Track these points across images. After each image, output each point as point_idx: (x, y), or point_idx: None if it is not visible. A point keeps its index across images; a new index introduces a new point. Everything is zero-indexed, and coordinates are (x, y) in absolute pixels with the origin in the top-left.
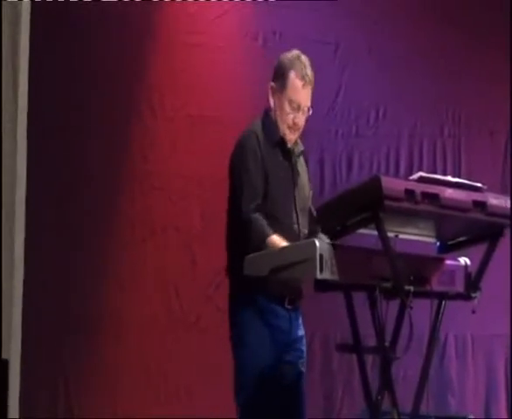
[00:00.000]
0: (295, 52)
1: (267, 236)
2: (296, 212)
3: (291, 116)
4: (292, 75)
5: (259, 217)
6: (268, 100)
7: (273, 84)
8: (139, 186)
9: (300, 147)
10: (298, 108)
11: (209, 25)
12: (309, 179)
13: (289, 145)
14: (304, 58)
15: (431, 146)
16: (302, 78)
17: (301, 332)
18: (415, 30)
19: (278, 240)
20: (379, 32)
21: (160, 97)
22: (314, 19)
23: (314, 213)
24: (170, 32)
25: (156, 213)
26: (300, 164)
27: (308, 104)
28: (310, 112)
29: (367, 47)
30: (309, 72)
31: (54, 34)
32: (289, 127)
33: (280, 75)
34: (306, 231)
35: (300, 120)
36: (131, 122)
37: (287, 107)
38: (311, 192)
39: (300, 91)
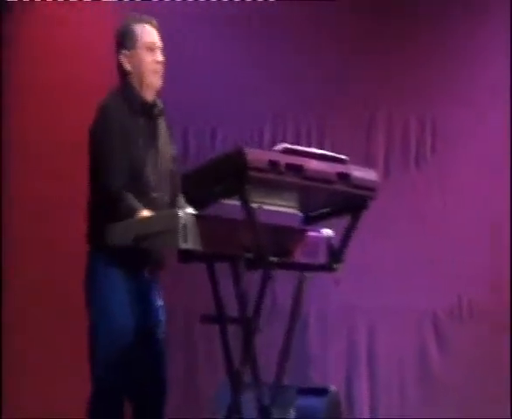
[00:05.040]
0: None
1: (136, 211)
2: (159, 178)
3: (151, 59)
4: (137, 26)
5: (126, 194)
6: (123, 71)
7: (124, 51)
8: None
9: (160, 105)
10: (153, 47)
11: None
12: (171, 138)
13: (151, 98)
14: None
15: (296, 124)
16: (146, 21)
17: (160, 302)
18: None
19: (147, 214)
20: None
21: None
22: None
23: (179, 176)
24: None
25: None
26: (162, 123)
27: (160, 44)
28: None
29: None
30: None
31: None
32: (155, 72)
33: (127, 37)
34: (167, 197)
35: (160, 57)
36: None
37: (145, 54)
38: (174, 152)
39: (150, 31)
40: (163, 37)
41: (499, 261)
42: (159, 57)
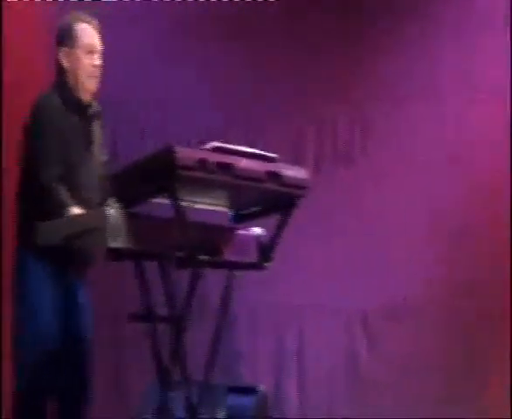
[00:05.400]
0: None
1: (67, 206)
2: (90, 179)
3: (88, 62)
4: (79, 26)
5: (58, 187)
6: (61, 68)
7: (63, 48)
8: None
9: (96, 108)
10: (92, 50)
11: None
12: (104, 141)
13: (87, 99)
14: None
15: (226, 123)
16: (88, 22)
17: (87, 300)
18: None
19: (78, 211)
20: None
21: None
22: None
23: (109, 179)
24: None
25: None
26: (97, 126)
27: (99, 47)
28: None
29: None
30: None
31: None
32: (91, 75)
33: (67, 36)
34: (98, 198)
35: (98, 61)
36: None
37: (83, 55)
38: (106, 157)
39: (91, 33)
40: None
41: (431, 259)
42: (97, 60)
